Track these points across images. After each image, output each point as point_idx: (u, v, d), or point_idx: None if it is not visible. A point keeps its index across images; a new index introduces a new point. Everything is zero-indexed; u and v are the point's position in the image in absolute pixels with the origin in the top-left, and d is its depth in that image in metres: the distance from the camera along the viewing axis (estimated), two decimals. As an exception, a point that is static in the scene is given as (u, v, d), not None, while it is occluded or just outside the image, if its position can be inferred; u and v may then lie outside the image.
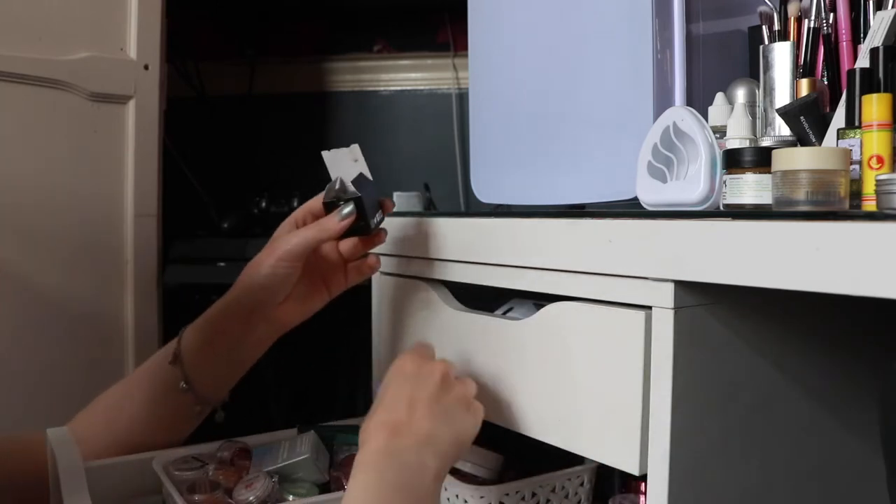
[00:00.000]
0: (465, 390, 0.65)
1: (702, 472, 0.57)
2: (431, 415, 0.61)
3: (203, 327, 0.77)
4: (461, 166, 1.65)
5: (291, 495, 0.69)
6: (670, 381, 0.55)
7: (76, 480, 0.64)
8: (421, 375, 0.64)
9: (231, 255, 1.30)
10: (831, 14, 0.72)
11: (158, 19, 1.22)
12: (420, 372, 0.64)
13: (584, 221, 0.62)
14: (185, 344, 0.76)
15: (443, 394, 0.63)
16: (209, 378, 0.77)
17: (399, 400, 0.61)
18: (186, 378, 0.75)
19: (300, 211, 0.78)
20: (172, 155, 1.36)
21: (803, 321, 0.64)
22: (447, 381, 0.64)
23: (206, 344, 0.76)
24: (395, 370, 0.65)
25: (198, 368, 0.76)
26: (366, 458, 0.58)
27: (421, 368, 0.64)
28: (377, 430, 0.59)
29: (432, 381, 0.63)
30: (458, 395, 0.65)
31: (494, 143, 0.95)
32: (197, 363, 0.76)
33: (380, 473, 0.56)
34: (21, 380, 1.09)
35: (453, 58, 1.66)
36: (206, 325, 0.77)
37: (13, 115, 1.08)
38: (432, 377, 0.63)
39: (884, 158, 0.58)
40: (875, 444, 0.61)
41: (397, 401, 0.61)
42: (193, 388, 0.75)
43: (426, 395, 0.62)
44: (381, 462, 0.57)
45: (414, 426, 0.60)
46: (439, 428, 0.61)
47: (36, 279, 1.11)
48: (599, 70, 0.81)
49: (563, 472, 0.76)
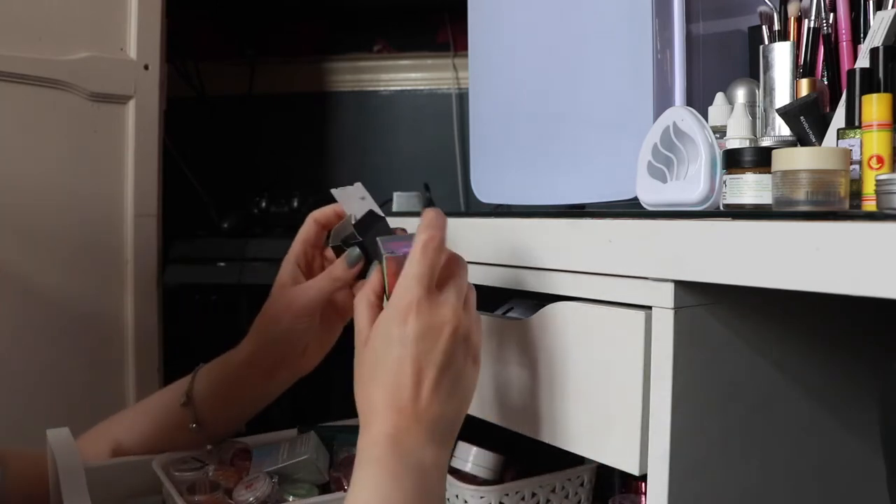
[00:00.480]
0: (474, 340, 0.58)
1: (702, 472, 0.57)
2: (440, 390, 0.55)
3: (221, 377, 0.74)
4: (461, 166, 1.65)
5: (291, 496, 0.69)
6: (670, 381, 0.55)
7: (76, 481, 0.64)
8: (429, 335, 0.55)
9: (231, 255, 1.30)
10: (831, 14, 0.72)
11: (158, 19, 1.22)
12: (428, 331, 0.55)
13: (584, 221, 0.62)
14: (198, 388, 0.74)
15: (452, 355, 0.56)
16: (222, 420, 0.75)
17: (403, 373, 0.54)
18: (198, 420, 0.73)
19: (297, 246, 0.73)
20: (172, 155, 1.36)
21: (803, 321, 0.64)
22: (457, 336, 0.56)
23: (224, 391, 0.74)
24: (396, 321, 0.55)
25: (211, 412, 0.74)
26: (374, 453, 0.53)
27: (429, 324, 0.55)
28: (384, 411, 0.54)
29: (442, 344, 0.55)
30: (468, 349, 0.57)
31: (494, 143, 0.95)
32: (211, 407, 0.74)
33: (393, 475, 0.52)
34: (21, 380, 1.09)
35: (453, 58, 1.66)
36: (225, 375, 0.74)
37: (13, 115, 1.08)
38: (441, 338, 0.55)
39: (884, 158, 0.58)
40: (875, 444, 0.61)
41: (401, 374, 0.54)
42: (205, 428, 0.73)
43: (435, 364, 0.55)
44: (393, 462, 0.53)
45: (422, 410, 0.54)
46: (447, 405, 0.55)
47: (36, 279, 1.11)
48: (599, 70, 0.81)
49: (563, 472, 0.76)
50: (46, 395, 1.11)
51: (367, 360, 0.56)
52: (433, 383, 0.55)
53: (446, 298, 0.56)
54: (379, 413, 0.54)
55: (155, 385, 1.22)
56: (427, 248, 0.56)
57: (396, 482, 0.52)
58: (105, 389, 1.18)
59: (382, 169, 1.71)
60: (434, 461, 0.55)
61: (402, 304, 0.55)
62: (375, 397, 0.55)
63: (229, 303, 1.32)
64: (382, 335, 0.56)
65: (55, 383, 1.13)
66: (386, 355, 0.55)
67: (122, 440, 0.74)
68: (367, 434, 0.55)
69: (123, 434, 0.74)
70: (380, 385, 0.55)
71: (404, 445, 0.54)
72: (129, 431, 0.74)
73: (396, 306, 0.55)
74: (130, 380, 1.21)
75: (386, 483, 0.52)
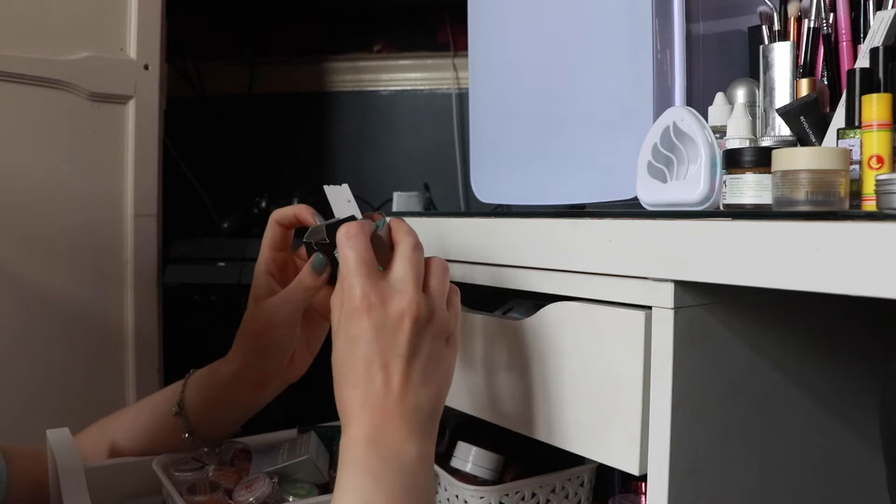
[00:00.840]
0: (441, 320, 0.56)
1: (702, 472, 0.57)
2: (410, 381, 0.54)
3: (210, 389, 0.73)
4: (461, 166, 1.65)
5: (291, 496, 0.69)
6: (670, 381, 0.55)
7: (76, 481, 0.64)
8: (385, 328, 0.54)
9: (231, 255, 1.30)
10: (831, 14, 0.72)
11: (158, 19, 1.22)
12: (383, 323, 0.54)
13: (584, 221, 0.62)
14: (189, 397, 0.73)
15: (418, 342, 0.54)
16: (216, 427, 0.74)
17: (370, 371, 0.53)
18: (191, 428, 0.72)
19: (265, 252, 0.71)
20: (172, 155, 1.36)
21: (803, 321, 0.64)
22: (419, 322, 0.54)
23: (214, 402, 0.73)
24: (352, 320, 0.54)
25: (204, 420, 0.73)
26: (355, 454, 0.53)
27: (383, 318, 0.54)
28: (358, 413, 0.53)
29: (402, 334, 0.54)
30: (436, 331, 0.56)
31: (494, 143, 0.95)
32: (203, 416, 0.73)
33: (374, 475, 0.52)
34: (21, 380, 1.09)
35: (453, 58, 1.66)
36: (214, 386, 0.73)
37: (13, 115, 1.08)
38: (401, 328, 0.54)
39: (884, 158, 0.58)
40: (875, 443, 0.61)
41: (368, 372, 0.53)
42: (199, 435, 0.73)
43: (400, 355, 0.54)
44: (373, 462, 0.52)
45: (395, 404, 0.53)
46: (422, 394, 0.54)
47: (35, 279, 1.11)
48: (599, 70, 0.81)
49: (563, 472, 0.76)
50: (46, 395, 1.11)
51: (337, 361, 0.56)
52: (402, 375, 0.54)
53: (397, 286, 0.55)
54: (354, 414, 0.54)
55: (155, 385, 1.22)
56: (349, 238, 0.56)
57: (378, 482, 0.52)
58: (105, 389, 1.18)
59: (382, 169, 1.71)
60: (418, 454, 0.54)
61: (352, 304, 0.54)
62: (349, 399, 0.54)
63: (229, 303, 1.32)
64: (344, 336, 0.55)
65: (55, 383, 1.13)
66: (351, 355, 0.54)
67: (119, 442, 0.73)
68: (346, 436, 0.54)
69: (121, 436, 0.74)
70: (351, 386, 0.54)
71: (383, 443, 0.53)
72: (126, 434, 0.74)
73: (348, 305, 0.54)
74: (130, 380, 1.21)
75: (368, 484, 0.52)
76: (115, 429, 0.75)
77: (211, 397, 0.73)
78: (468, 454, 0.77)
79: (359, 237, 0.56)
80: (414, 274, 0.56)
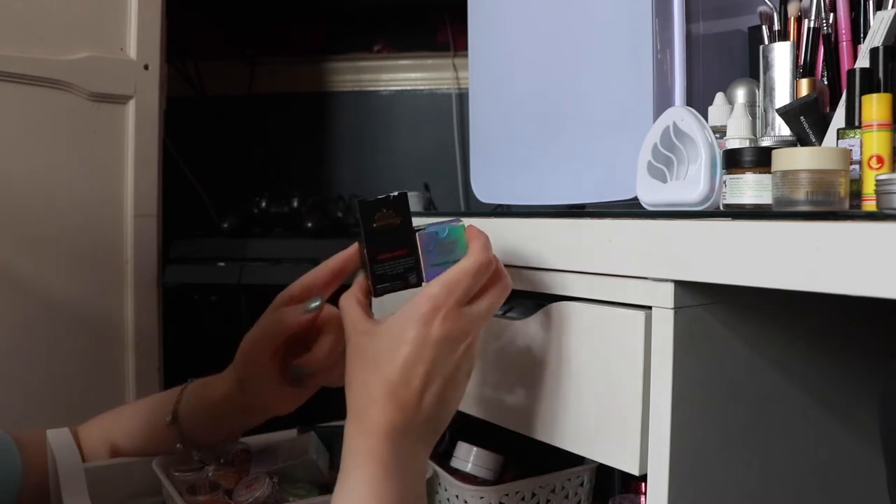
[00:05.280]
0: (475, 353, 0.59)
1: (702, 472, 0.57)
2: (440, 396, 0.56)
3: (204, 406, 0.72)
4: (461, 166, 1.65)
5: (291, 496, 0.69)
6: (670, 381, 0.55)
7: (76, 481, 0.64)
8: (447, 343, 0.55)
9: (231, 255, 1.30)
10: (831, 14, 0.72)
11: (158, 19, 1.22)
12: (448, 340, 0.55)
13: (584, 221, 0.62)
14: (185, 409, 0.72)
15: (460, 368, 0.57)
16: (211, 439, 0.74)
17: (413, 373, 0.54)
18: (184, 438, 0.72)
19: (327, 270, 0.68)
20: (172, 155, 1.36)
21: (803, 321, 0.64)
22: (471, 350, 0.58)
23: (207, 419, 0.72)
24: (419, 320, 0.55)
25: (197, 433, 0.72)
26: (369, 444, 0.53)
27: (452, 334, 0.55)
28: (383, 402, 0.54)
29: (457, 356, 0.56)
30: (472, 361, 0.59)
31: (494, 143, 0.95)
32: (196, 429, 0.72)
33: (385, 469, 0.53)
34: (21, 379, 1.09)
35: (453, 58, 1.66)
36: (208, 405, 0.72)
37: (13, 115, 1.08)
38: (459, 350, 0.56)
39: (884, 158, 0.58)
40: (875, 443, 0.61)
41: (410, 373, 0.54)
42: (193, 443, 0.72)
43: (444, 372, 0.55)
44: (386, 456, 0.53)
45: (422, 409, 0.55)
46: (441, 410, 0.56)
47: (35, 279, 1.11)
48: (599, 70, 0.81)
49: (563, 472, 0.76)
50: (46, 395, 1.11)
51: (370, 348, 0.56)
52: (439, 390, 0.55)
53: (476, 313, 0.57)
54: (378, 402, 0.54)
55: (155, 385, 1.22)
56: (480, 271, 0.57)
57: (389, 477, 0.53)
58: (105, 389, 1.18)
59: (382, 169, 1.71)
60: (422, 461, 0.57)
61: (427, 307, 0.55)
62: (375, 387, 0.54)
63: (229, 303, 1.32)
64: (397, 329, 0.55)
65: (55, 383, 1.13)
66: (396, 349, 0.54)
67: (118, 441, 0.74)
68: (360, 422, 0.55)
69: (119, 437, 0.74)
70: (381, 377, 0.54)
71: (399, 443, 0.54)
72: (122, 432, 0.74)
73: (421, 307, 0.55)
74: (130, 380, 1.21)
75: (379, 475, 0.53)
76: (114, 428, 0.75)
77: (204, 413, 0.72)
78: (468, 454, 0.77)
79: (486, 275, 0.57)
80: (490, 311, 0.58)
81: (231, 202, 1.42)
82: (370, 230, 0.59)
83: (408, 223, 0.59)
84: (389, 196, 0.59)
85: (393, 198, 0.59)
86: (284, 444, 0.75)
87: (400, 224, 0.59)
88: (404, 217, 0.59)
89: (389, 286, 0.60)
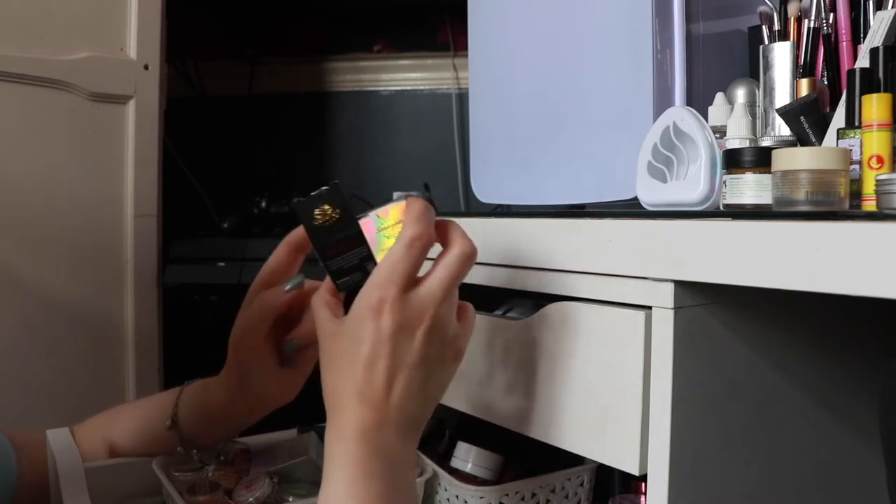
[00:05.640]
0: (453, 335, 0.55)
1: (702, 472, 0.57)
2: (411, 388, 0.53)
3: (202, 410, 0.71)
4: (461, 166, 1.65)
5: (291, 496, 0.69)
6: (670, 381, 0.55)
7: (76, 481, 0.64)
8: (401, 333, 0.52)
9: (231, 255, 1.30)
10: (831, 14, 0.72)
11: (158, 19, 1.22)
12: (402, 328, 0.52)
13: (584, 221, 0.62)
14: (183, 412, 0.72)
15: (427, 354, 0.53)
16: (211, 441, 0.74)
17: (376, 370, 0.52)
18: (184, 443, 0.72)
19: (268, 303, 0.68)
20: (172, 155, 1.36)
21: (803, 321, 0.64)
22: (433, 333, 0.53)
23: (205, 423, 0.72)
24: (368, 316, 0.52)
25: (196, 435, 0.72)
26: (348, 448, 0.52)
27: (404, 322, 0.52)
28: (353, 404, 0.53)
29: (417, 342, 0.53)
30: (445, 345, 0.55)
31: (494, 143, 0.95)
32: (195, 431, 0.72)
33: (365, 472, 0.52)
34: (21, 380, 1.09)
35: (453, 58, 1.66)
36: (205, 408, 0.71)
37: (13, 115, 1.08)
38: (417, 336, 0.53)
39: (884, 158, 0.58)
40: (875, 443, 0.61)
41: (373, 370, 0.52)
42: (193, 445, 0.72)
43: (409, 364, 0.53)
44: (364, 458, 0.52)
45: (393, 407, 0.53)
46: (417, 402, 0.54)
47: (35, 279, 1.11)
48: (599, 70, 0.81)
49: (563, 472, 0.76)
50: (46, 395, 1.11)
51: (336, 351, 0.55)
52: (406, 381, 0.53)
53: (426, 294, 0.53)
54: (347, 405, 0.53)
55: (155, 385, 1.22)
56: (413, 246, 0.53)
57: (373, 479, 0.52)
58: (105, 389, 1.18)
59: (382, 169, 1.71)
60: (407, 455, 0.55)
61: (373, 300, 0.53)
62: (344, 390, 0.54)
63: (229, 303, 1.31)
64: (353, 328, 0.53)
65: (55, 383, 1.13)
66: (357, 349, 0.53)
67: (116, 443, 0.73)
68: (336, 424, 0.54)
69: (117, 437, 0.74)
70: (349, 378, 0.53)
71: (378, 443, 0.53)
72: (123, 437, 0.74)
73: (371, 298, 0.53)
74: (130, 380, 1.21)
75: (361, 480, 0.52)
76: (113, 428, 0.75)
77: (202, 417, 0.72)
78: (468, 454, 0.77)
79: (423, 249, 0.54)
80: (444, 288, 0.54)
81: (231, 202, 1.42)
82: (312, 229, 0.57)
83: (348, 213, 0.57)
84: (322, 190, 0.57)
85: (327, 191, 0.57)
86: (284, 444, 0.75)
87: (341, 216, 0.57)
88: (343, 208, 0.57)
89: (350, 280, 0.58)
